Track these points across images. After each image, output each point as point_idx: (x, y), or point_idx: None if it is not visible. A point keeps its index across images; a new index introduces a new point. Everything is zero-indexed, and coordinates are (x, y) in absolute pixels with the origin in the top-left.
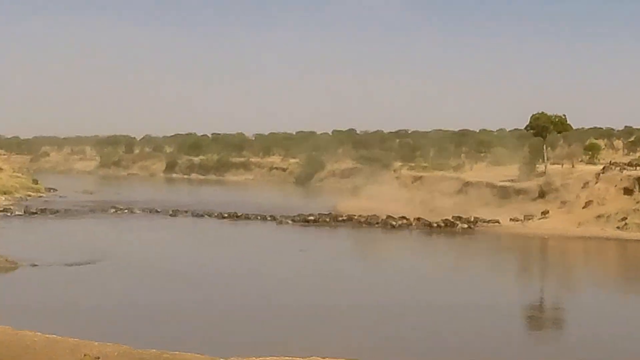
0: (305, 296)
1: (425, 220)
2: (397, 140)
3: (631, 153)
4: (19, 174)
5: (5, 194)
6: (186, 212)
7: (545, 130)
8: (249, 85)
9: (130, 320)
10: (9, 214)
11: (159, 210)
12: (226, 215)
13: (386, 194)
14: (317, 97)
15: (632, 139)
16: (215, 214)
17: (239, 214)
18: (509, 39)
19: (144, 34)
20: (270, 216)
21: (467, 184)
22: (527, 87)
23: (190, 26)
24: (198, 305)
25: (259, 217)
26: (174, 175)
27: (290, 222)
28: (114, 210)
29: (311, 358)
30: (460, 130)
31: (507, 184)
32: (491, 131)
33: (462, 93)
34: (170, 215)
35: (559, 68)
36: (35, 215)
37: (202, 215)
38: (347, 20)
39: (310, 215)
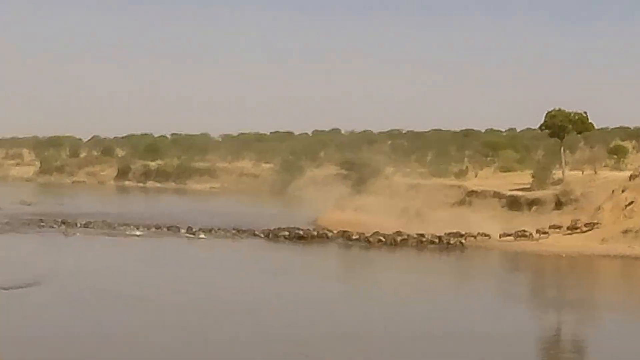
0: (282, 325)
1: (420, 235)
2: (389, 142)
3: None
4: None
5: None
6: (143, 226)
7: (563, 130)
8: (214, 75)
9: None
10: None
11: (108, 224)
12: (186, 229)
13: (376, 204)
14: (295, 91)
15: None
16: (176, 228)
17: (201, 229)
18: (520, 23)
19: (90, 15)
20: (242, 231)
21: (471, 193)
22: (541, 80)
23: (144, 9)
24: (146, 336)
25: (224, 232)
26: (127, 182)
27: (261, 237)
28: (56, 224)
29: None
30: (463, 130)
31: (518, 193)
32: (499, 131)
33: (466, 86)
34: (120, 228)
35: (580, 57)
36: None
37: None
38: (333, 1)
39: (285, 230)
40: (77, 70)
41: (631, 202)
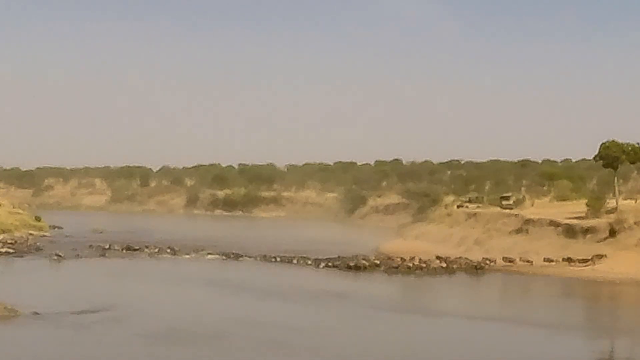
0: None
1: (475, 261)
2: (449, 172)
3: None
4: (20, 210)
5: (3, 232)
6: (217, 254)
7: (616, 160)
8: (279, 108)
9: None
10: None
11: (180, 251)
12: (259, 257)
13: (436, 233)
14: (358, 123)
15: None
16: (249, 255)
17: (271, 256)
18: (577, 56)
19: (157, 51)
20: (305, 258)
21: (527, 221)
22: (596, 112)
23: (211, 42)
24: None
25: (291, 260)
26: (196, 211)
27: (324, 266)
28: (126, 251)
29: None
30: (520, 161)
31: (574, 221)
32: (555, 162)
33: (523, 118)
34: (196, 255)
35: (634, 89)
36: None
37: (236, 256)
38: (392, 36)
39: (348, 258)
40: (147, 102)
41: None
